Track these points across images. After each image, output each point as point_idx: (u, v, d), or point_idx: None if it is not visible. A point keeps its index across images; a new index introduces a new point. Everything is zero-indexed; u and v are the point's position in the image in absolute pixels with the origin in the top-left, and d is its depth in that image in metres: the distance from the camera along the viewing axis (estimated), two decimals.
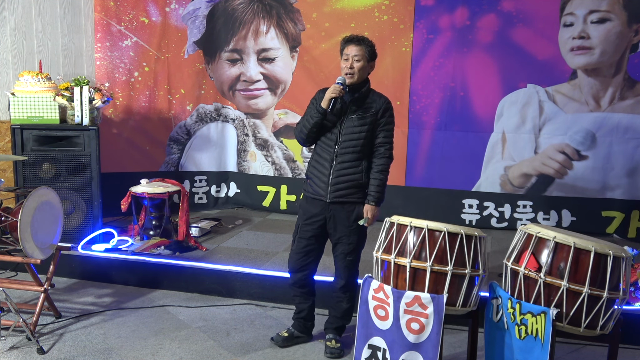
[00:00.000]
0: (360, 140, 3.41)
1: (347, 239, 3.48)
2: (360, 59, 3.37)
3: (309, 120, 3.44)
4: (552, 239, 2.84)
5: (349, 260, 3.52)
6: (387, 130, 3.46)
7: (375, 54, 3.44)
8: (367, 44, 3.39)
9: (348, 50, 3.38)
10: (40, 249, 3.76)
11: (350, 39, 3.40)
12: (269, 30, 6.03)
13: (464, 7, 5.51)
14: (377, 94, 3.50)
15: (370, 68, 3.46)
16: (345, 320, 3.66)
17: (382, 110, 3.43)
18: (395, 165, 5.81)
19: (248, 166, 6.35)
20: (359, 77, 3.39)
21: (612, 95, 5.34)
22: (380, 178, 3.45)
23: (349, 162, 3.42)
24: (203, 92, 6.21)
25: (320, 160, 3.49)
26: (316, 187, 3.49)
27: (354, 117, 3.41)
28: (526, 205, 5.65)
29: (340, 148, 3.42)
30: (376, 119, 3.43)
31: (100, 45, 5.72)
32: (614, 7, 5.18)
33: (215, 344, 3.69)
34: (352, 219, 3.46)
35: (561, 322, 2.82)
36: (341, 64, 3.42)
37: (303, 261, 3.58)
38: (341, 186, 3.43)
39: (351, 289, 3.60)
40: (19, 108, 4.83)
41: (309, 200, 3.55)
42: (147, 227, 5.07)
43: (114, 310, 4.14)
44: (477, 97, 5.62)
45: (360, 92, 3.43)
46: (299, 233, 3.58)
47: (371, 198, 3.45)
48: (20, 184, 4.82)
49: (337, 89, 3.34)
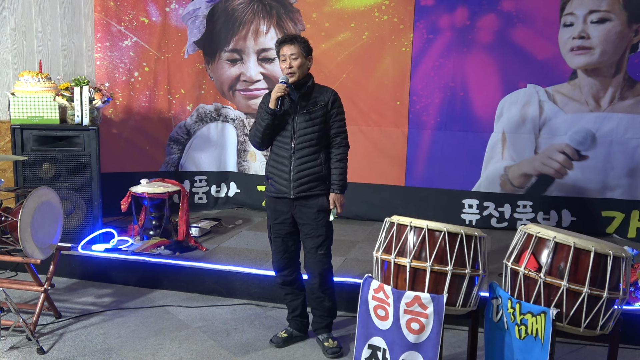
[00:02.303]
0: (315, 134, 3.49)
1: (315, 231, 3.53)
2: (297, 57, 3.45)
3: (261, 123, 3.52)
4: (552, 239, 2.84)
5: (321, 254, 3.55)
6: (340, 120, 3.57)
7: (310, 49, 3.54)
8: (301, 42, 3.49)
9: (284, 51, 3.47)
10: (40, 249, 3.76)
11: (284, 40, 3.50)
12: (269, 30, 6.03)
13: (464, 7, 5.51)
14: (323, 87, 3.60)
15: (309, 62, 3.55)
16: (332, 317, 3.69)
17: (330, 102, 3.53)
18: (395, 165, 5.89)
19: (248, 166, 6.35)
20: (300, 74, 3.49)
21: (612, 95, 5.34)
22: (341, 167, 3.55)
23: (307, 156, 3.50)
24: (203, 92, 6.21)
25: (279, 158, 3.55)
26: (278, 185, 3.55)
27: (305, 112, 3.50)
28: (526, 205, 5.65)
29: (296, 144, 3.49)
30: (327, 111, 3.53)
31: (100, 45, 5.72)
32: (614, 7, 5.18)
33: (215, 344, 3.69)
34: (317, 211, 3.51)
35: (561, 322, 2.82)
36: (280, 65, 3.52)
37: (285, 259, 3.64)
38: (303, 181, 3.49)
39: (329, 286, 3.63)
40: (19, 108, 4.83)
41: (273, 200, 3.61)
42: (147, 227, 5.07)
43: (114, 310, 4.14)
44: (477, 97, 5.62)
45: (306, 87, 3.52)
46: (273, 233, 3.65)
47: (335, 187, 3.53)
48: (20, 184, 4.82)
49: (281, 88, 3.42)
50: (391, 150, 5.88)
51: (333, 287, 3.68)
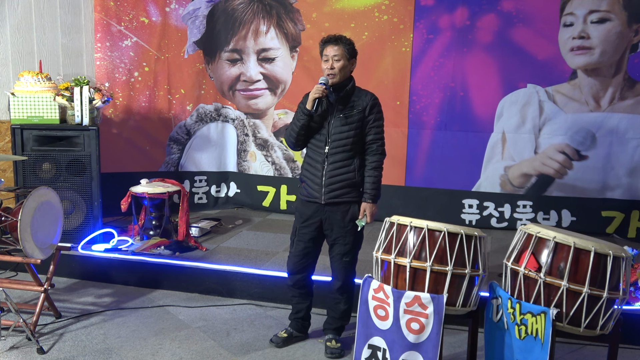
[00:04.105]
0: (350, 139, 3.42)
1: (343, 239, 3.49)
2: (340, 59, 3.38)
3: (296, 123, 3.46)
4: (552, 239, 2.84)
5: (346, 261, 3.52)
6: (377, 127, 3.47)
7: (355, 52, 3.45)
8: (346, 43, 3.41)
9: (327, 51, 3.41)
10: (40, 249, 3.76)
11: (328, 40, 3.42)
12: (269, 30, 6.03)
13: (464, 7, 5.50)
14: (363, 91, 3.51)
15: (352, 66, 3.47)
16: (344, 321, 3.66)
17: (369, 107, 3.44)
18: (395, 165, 5.88)
19: (248, 166, 6.35)
20: (341, 77, 3.41)
21: (612, 95, 5.34)
22: (375, 175, 3.46)
23: (341, 161, 3.43)
24: (203, 92, 6.21)
25: (312, 162, 3.50)
26: (310, 189, 3.50)
27: (341, 117, 3.42)
28: (526, 205, 5.65)
29: (330, 148, 3.43)
30: (364, 116, 3.43)
31: (100, 45, 5.72)
32: (614, 7, 5.18)
33: (215, 344, 3.69)
34: (348, 219, 3.47)
35: (561, 322, 2.82)
36: (322, 65, 3.44)
37: (302, 263, 3.59)
38: (335, 187, 3.44)
39: (348, 290, 3.60)
40: (19, 108, 4.83)
41: (304, 203, 3.56)
42: (147, 227, 5.07)
43: (114, 310, 4.14)
44: (477, 97, 5.62)
45: (345, 90, 3.44)
46: (297, 236, 3.59)
47: (368, 196, 3.46)
48: (20, 184, 4.82)
49: (319, 90, 3.35)
50: (391, 150, 5.78)
51: (352, 292, 3.61)
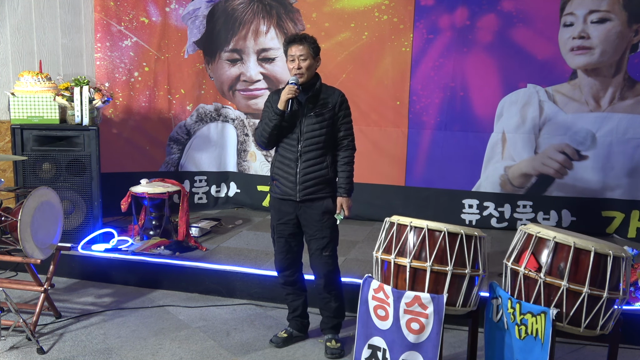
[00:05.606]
0: (322, 137, 3.46)
1: (320, 233, 3.51)
2: (306, 58, 3.42)
3: (268, 123, 3.47)
4: (552, 239, 2.84)
5: (326, 255, 3.53)
6: (347, 123, 3.54)
7: (318, 49, 3.49)
8: (310, 42, 3.44)
9: (292, 51, 3.43)
10: (40, 249, 3.76)
11: (293, 40, 3.45)
12: (268, 30, 6.03)
13: (464, 7, 5.50)
14: (330, 88, 3.55)
15: (317, 63, 3.51)
16: (340, 318, 3.68)
17: (338, 103, 3.49)
18: (395, 165, 5.89)
19: (248, 166, 6.35)
20: (309, 75, 3.45)
21: (612, 95, 5.34)
22: (349, 170, 3.51)
23: (314, 159, 3.46)
24: (203, 92, 6.21)
25: (285, 160, 3.51)
26: (284, 187, 3.52)
27: (312, 115, 3.45)
28: (526, 205, 5.65)
29: (303, 147, 3.46)
30: (334, 113, 3.49)
31: (100, 45, 5.72)
32: (614, 7, 5.18)
33: (215, 344, 3.69)
34: (322, 213, 3.50)
35: (561, 322, 2.82)
36: (288, 65, 3.47)
37: (288, 259, 3.63)
38: (309, 184, 3.47)
39: (335, 287, 3.61)
40: (19, 108, 4.83)
41: (279, 201, 3.58)
42: (147, 227, 5.07)
43: (114, 310, 4.14)
44: (477, 97, 5.62)
45: (314, 89, 3.48)
46: (276, 233, 3.62)
47: (343, 190, 3.50)
48: (20, 184, 4.82)
49: (292, 89, 3.38)
50: (391, 150, 5.88)
51: (340, 288, 3.64)
